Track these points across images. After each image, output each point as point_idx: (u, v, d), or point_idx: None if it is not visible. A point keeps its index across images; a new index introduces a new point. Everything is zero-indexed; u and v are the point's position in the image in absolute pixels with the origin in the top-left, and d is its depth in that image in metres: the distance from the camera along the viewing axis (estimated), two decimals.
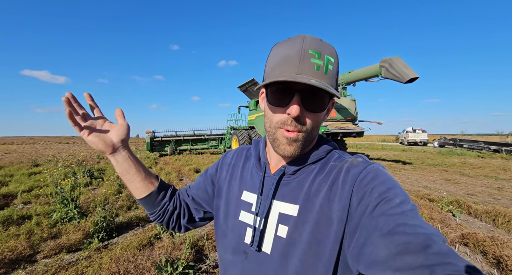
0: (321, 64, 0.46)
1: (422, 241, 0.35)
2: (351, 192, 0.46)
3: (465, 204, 3.99)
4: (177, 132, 15.44)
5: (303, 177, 0.53)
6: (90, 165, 8.49)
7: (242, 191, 0.62)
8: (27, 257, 2.52)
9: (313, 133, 0.51)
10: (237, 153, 0.71)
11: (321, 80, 0.45)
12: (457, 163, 10.02)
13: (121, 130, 0.64)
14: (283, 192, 0.54)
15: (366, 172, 0.47)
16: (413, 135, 22.57)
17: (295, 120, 0.48)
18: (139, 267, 2.14)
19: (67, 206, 3.58)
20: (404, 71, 6.26)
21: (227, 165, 0.69)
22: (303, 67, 0.46)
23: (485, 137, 25.10)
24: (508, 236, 3.02)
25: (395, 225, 0.38)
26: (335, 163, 0.53)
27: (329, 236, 0.46)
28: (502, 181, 6.49)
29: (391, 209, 0.40)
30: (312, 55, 0.46)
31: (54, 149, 20.13)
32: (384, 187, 0.44)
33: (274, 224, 0.52)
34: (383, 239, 0.37)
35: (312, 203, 0.50)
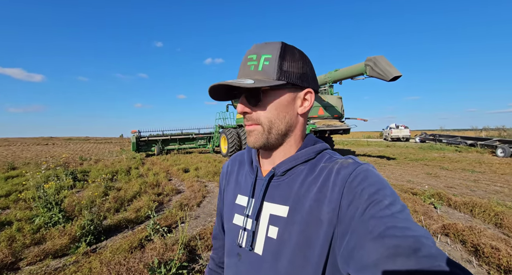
0: (256, 63, 0.51)
1: (412, 244, 0.35)
2: (341, 194, 0.46)
3: (446, 196, 4.22)
4: (164, 131, 15.12)
5: (292, 178, 0.54)
6: (73, 167, 8.17)
7: (236, 195, 0.64)
8: (9, 264, 2.41)
9: (272, 125, 0.53)
10: (231, 161, 0.73)
11: (255, 76, 0.51)
12: (437, 157, 10.52)
13: None
14: (273, 194, 0.55)
15: (356, 173, 0.47)
16: (396, 131, 23.40)
17: (245, 116, 0.54)
18: (131, 269, 2.10)
19: (51, 210, 3.44)
20: (388, 70, 6.47)
21: (225, 174, 0.72)
22: (242, 71, 0.53)
23: (462, 132, 26.46)
24: (484, 225, 3.23)
25: (385, 228, 0.38)
26: (326, 164, 0.53)
27: (318, 238, 0.47)
28: (477, 173, 6.90)
29: (381, 211, 0.40)
30: (250, 59, 0.53)
31: (32, 151, 19.15)
32: (374, 188, 0.44)
33: (265, 225, 0.53)
34: (373, 242, 0.37)
35: (302, 204, 0.50)
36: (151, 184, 5.86)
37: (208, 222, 3.67)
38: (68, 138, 46.52)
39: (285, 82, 0.50)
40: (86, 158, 13.12)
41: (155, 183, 5.99)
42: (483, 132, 22.49)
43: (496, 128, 21.12)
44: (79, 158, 12.80)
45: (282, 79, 0.50)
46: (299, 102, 0.55)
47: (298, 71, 0.52)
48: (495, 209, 3.42)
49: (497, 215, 3.30)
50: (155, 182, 6.02)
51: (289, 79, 0.51)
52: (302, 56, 0.54)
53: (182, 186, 6.09)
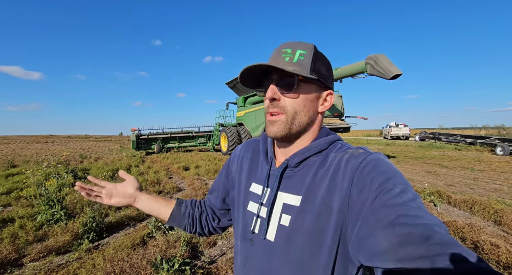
0: (291, 56, 0.53)
1: (423, 232, 0.35)
2: (351, 183, 0.47)
3: (445, 194, 4.24)
4: (164, 129, 15.13)
5: (305, 169, 0.55)
6: (74, 165, 8.18)
7: (251, 182, 0.65)
8: (12, 261, 2.43)
9: (296, 115, 0.55)
10: (245, 146, 0.74)
11: (290, 67, 0.52)
12: (437, 155, 10.55)
13: (132, 182, 0.78)
14: (287, 184, 0.56)
15: (366, 162, 0.47)
16: (396, 129, 23.43)
17: (272, 102, 0.55)
18: (134, 266, 2.12)
19: (52, 208, 3.45)
20: (388, 68, 6.47)
21: (237, 158, 0.73)
22: (274, 59, 0.55)
23: (461, 131, 26.51)
24: (484, 222, 3.25)
25: (396, 216, 0.38)
26: (336, 154, 0.54)
27: (329, 226, 0.48)
28: (477, 172, 6.93)
29: (391, 199, 0.40)
30: (284, 52, 0.54)
31: (32, 149, 19.13)
32: (384, 177, 0.44)
33: (278, 214, 0.55)
34: (384, 230, 0.37)
35: (314, 194, 0.51)
36: (152, 181, 5.87)
37: None
38: (67, 136, 46.46)
39: (317, 78, 0.53)
40: (86, 156, 13.13)
41: (156, 181, 6.00)
42: (482, 131, 22.53)
43: (496, 126, 21.15)
44: (79, 156, 12.81)
45: (314, 75, 0.53)
46: (321, 101, 0.58)
47: (325, 73, 0.56)
48: (494, 207, 3.45)
49: (496, 213, 3.32)
50: (156, 180, 6.03)
51: (319, 76, 0.54)
52: (328, 61, 0.59)
53: (183, 184, 6.11)
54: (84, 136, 49.53)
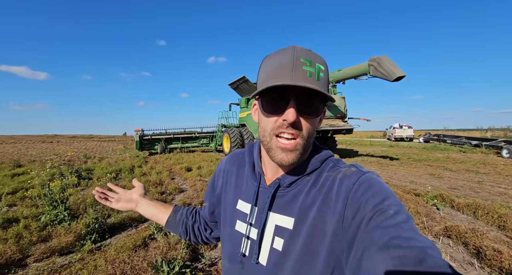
0: (313, 71, 0.47)
1: (417, 255, 0.35)
2: (345, 205, 0.46)
3: (449, 198, 4.20)
4: (167, 130, 15.24)
5: (298, 189, 0.53)
6: (78, 165, 8.27)
7: (237, 199, 0.63)
8: (17, 261, 2.47)
9: (309, 140, 0.51)
10: (230, 159, 0.71)
11: (316, 86, 0.46)
12: (441, 158, 10.44)
13: (139, 189, 0.83)
14: (279, 204, 0.54)
15: (359, 183, 0.47)
16: (400, 131, 23.25)
17: (292, 125, 0.48)
18: (135, 268, 2.14)
19: (56, 208, 3.49)
20: (392, 70, 6.44)
21: (222, 172, 0.71)
22: (297, 74, 0.46)
23: (467, 132, 26.20)
24: (487, 227, 3.21)
25: (390, 238, 0.38)
26: (329, 173, 0.52)
27: (322, 250, 0.46)
28: (482, 175, 6.84)
29: (385, 221, 0.40)
30: (304, 63, 0.47)
31: (38, 149, 19.39)
32: (378, 198, 0.43)
33: (271, 236, 0.53)
34: (378, 253, 0.37)
35: (306, 216, 0.50)
36: (154, 182, 5.92)
37: None
38: (72, 136, 47.02)
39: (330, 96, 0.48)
40: (90, 156, 13.26)
41: (158, 181, 6.05)
42: (488, 133, 22.24)
43: (502, 128, 20.86)
44: (83, 156, 12.94)
45: (328, 93, 0.49)
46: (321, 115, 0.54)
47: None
48: (498, 211, 3.40)
49: (500, 217, 3.28)
50: (158, 181, 6.08)
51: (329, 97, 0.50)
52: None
53: (185, 185, 6.14)
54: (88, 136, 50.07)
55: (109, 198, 0.80)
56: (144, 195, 0.82)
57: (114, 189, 0.84)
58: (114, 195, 0.81)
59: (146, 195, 0.83)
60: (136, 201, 0.79)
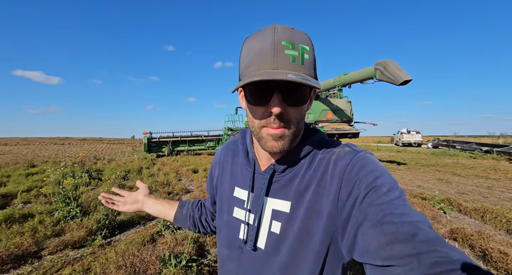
0: (296, 55, 0.44)
1: (409, 230, 0.36)
2: (340, 186, 0.46)
3: (456, 202, 4.15)
4: (174, 133, 15.46)
5: (293, 173, 0.53)
6: (88, 166, 8.50)
7: (233, 187, 0.63)
8: (32, 253, 2.59)
9: (299, 127, 0.50)
10: (224, 149, 0.72)
11: (299, 72, 0.44)
12: (450, 163, 10.26)
13: (143, 190, 0.86)
14: (275, 189, 0.54)
15: (353, 163, 0.47)
16: (408, 136, 22.92)
17: (278, 117, 0.46)
18: (144, 260, 2.22)
19: (69, 205, 3.64)
20: (398, 74, 6.44)
21: (218, 162, 0.71)
22: (278, 60, 0.43)
23: (477, 139, 25.60)
24: (495, 231, 3.17)
25: (383, 214, 0.39)
26: (323, 155, 0.53)
27: (318, 230, 0.47)
28: (492, 180, 6.70)
29: (378, 198, 0.41)
30: (285, 47, 0.43)
31: (50, 150, 19.95)
32: (372, 176, 0.44)
33: (268, 221, 0.54)
34: (372, 229, 0.39)
35: (303, 199, 0.50)
36: (162, 183, 6.04)
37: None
38: (82, 139, 48.14)
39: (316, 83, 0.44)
40: (100, 158, 13.57)
41: (166, 182, 6.17)
42: (500, 139, 21.68)
43: None
44: (93, 158, 13.25)
45: (316, 78, 0.47)
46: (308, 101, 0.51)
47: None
48: (507, 216, 3.36)
49: (509, 222, 3.23)
50: (166, 182, 6.20)
51: (316, 77, 0.48)
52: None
53: (191, 186, 6.24)
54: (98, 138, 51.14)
55: (115, 202, 0.84)
56: (149, 195, 0.85)
57: (119, 192, 0.87)
58: (120, 199, 0.84)
59: (151, 195, 0.85)
60: (142, 201, 0.82)
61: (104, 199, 0.83)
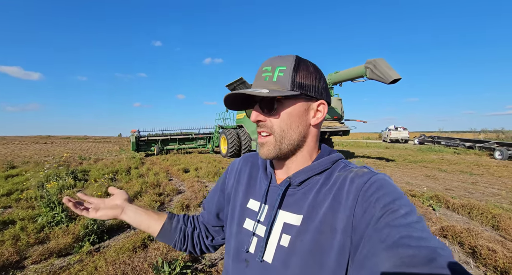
0: (270, 75, 0.53)
1: (427, 255, 0.34)
2: (356, 202, 0.46)
3: (444, 198, 4.27)
4: (163, 131, 15.17)
5: (308, 188, 0.54)
6: (74, 166, 8.18)
7: (248, 198, 0.63)
8: (14, 263, 2.44)
9: (285, 134, 0.54)
10: (244, 159, 0.73)
11: (270, 87, 0.52)
12: (436, 159, 10.60)
13: (121, 194, 0.74)
14: (289, 202, 0.55)
15: (371, 182, 0.47)
16: (395, 133, 23.52)
17: (259, 124, 0.56)
18: (136, 269, 2.14)
19: (53, 210, 3.46)
20: (388, 72, 6.54)
21: (235, 171, 0.71)
22: (257, 81, 0.55)
23: (460, 134, 26.62)
24: (482, 227, 3.28)
25: (400, 237, 0.37)
26: (340, 173, 0.53)
27: (332, 246, 0.46)
28: (475, 176, 6.97)
29: (396, 220, 0.40)
30: (264, 71, 0.55)
31: (31, 150, 19.10)
32: (390, 198, 0.43)
33: (278, 234, 0.53)
34: (386, 251, 0.37)
35: (316, 213, 0.50)
36: (152, 184, 5.89)
37: None
38: (66, 137, 46.40)
39: (299, 92, 0.51)
40: (86, 158, 13.11)
41: (156, 183, 6.02)
42: (481, 135, 22.63)
43: (495, 130, 21.26)
44: (78, 157, 12.79)
45: (295, 90, 0.51)
46: (312, 113, 0.55)
47: (312, 84, 0.53)
48: (492, 212, 3.48)
49: (494, 218, 3.35)
50: (156, 182, 6.05)
51: (302, 90, 0.52)
52: (316, 70, 0.55)
53: (183, 186, 6.12)
54: (83, 137, 49.47)
55: (85, 207, 0.70)
56: (129, 200, 0.74)
57: (86, 199, 0.72)
58: (90, 205, 0.70)
59: (131, 201, 0.75)
60: (121, 207, 0.70)
61: (72, 204, 0.67)
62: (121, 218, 0.70)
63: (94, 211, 0.69)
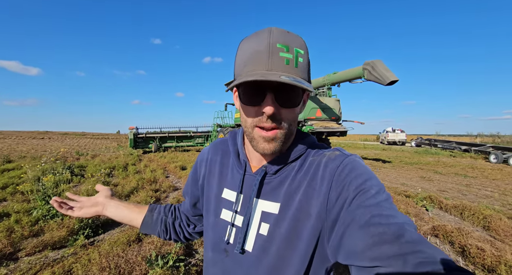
0: (291, 57, 0.45)
1: (395, 231, 0.37)
2: (330, 187, 0.47)
3: (437, 199, 4.32)
4: (162, 128, 15.15)
5: (284, 175, 0.54)
6: (70, 162, 8.17)
7: (222, 188, 0.62)
8: (8, 255, 2.45)
9: (291, 128, 0.51)
10: (213, 148, 0.69)
11: (292, 75, 0.44)
12: (432, 161, 10.68)
13: (104, 191, 0.76)
14: (266, 191, 0.54)
15: (343, 165, 0.48)
16: (393, 135, 23.63)
17: (271, 118, 0.47)
18: (129, 261, 2.16)
19: (49, 203, 3.47)
20: (385, 74, 6.57)
21: (205, 161, 0.68)
22: (273, 62, 0.44)
23: (457, 138, 26.79)
24: (473, 227, 3.33)
25: (371, 216, 0.39)
26: (314, 158, 0.54)
27: (306, 230, 0.48)
28: (470, 178, 7.04)
29: (367, 200, 0.42)
30: (280, 49, 0.44)
31: (28, 145, 19.01)
32: (361, 179, 0.45)
33: (257, 223, 0.53)
34: (360, 230, 0.39)
35: (292, 200, 0.51)
36: (149, 180, 5.90)
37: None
38: (64, 133, 46.11)
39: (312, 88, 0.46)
40: (83, 153, 13.09)
41: (153, 179, 6.03)
42: (477, 138, 22.78)
43: (491, 134, 21.40)
44: (75, 153, 12.76)
45: (307, 82, 0.48)
46: (301, 103, 0.52)
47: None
48: (483, 213, 3.53)
49: (485, 218, 3.40)
50: (153, 179, 6.06)
51: (309, 80, 0.50)
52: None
53: (179, 183, 6.14)
54: (81, 133, 49.19)
55: (71, 207, 0.71)
56: (112, 196, 0.75)
57: (75, 198, 0.74)
58: (77, 204, 0.72)
59: (114, 196, 0.76)
60: (103, 204, 0.72)
61: (57, 204, 0.70)
62: (103, 214, 0.71)
63: (78, 210, 0.71)
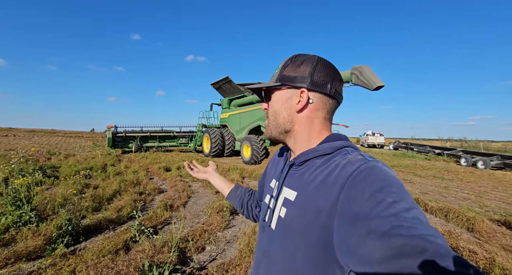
0: (275, 72, 0.65)
1: (418, 243, 0.34)
2: (342, 189, 0.46)
3: (423, 202, 4.49)
4: (142, 127, 14.53)
5: (306, 169, 0.59)
6: (42, 162, 7.53)
7: (271, 179, 0.75)
8: None
9: (274, 118, 0.64)
10: (280, 150, 0.82)
11: (271, 80, 0.65)
12: (410, 164, 11.21)
13: (212, 166, 1.12)
14: (289, 180, 0.63)
15: (360, 170, 0.46)
16: (372, 138, 24.58)
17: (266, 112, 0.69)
18: (120, 273, 1.96)
19: (20, 208, 3.12)
20: (372, 79, 6.78)
21: (272, 160, 0.84)
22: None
23: (430, 142, 28.51)
24: (458, 229, 3.48)
25: (391, 227, 0.37)
26: (337, 158, 0.54)
27: (314, 225, 0.50)
28: (447, 181, 7.45)
29: (385, 210, 0.39)
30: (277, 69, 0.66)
31: None
32: (377, 186, 0.43)
33: (279, 206, 0.62)
34: (377, 241, 0.37)
35: (306, 191, 0.55)
36: (131, 182, 5.57)
37: (195, 223, 3.56)
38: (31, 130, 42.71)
39: (279, 83, 0.61)
40: (55, 153, 12.17)
41: (136, 181, 5.71)
42: (448, 143, 24.39)
43: (459, 139, 23.02)
44: (46, 152, 11.83)
45: (277, 82, 0.62)
46: (296, 100, 0.60)
47: (296, 74, 0.60)
48: (467, 215, 3.70)
49: (469, 221, 3.57)
50: (136, 181, 5.73)
51: (283, 81, 0.61)
52: (308, 62, 0.60)
53: (165, 186, 5.87)
54: (50, 130, 45.83)
55: (193, 168, 1.09)
56: (216, 170, 1.09)
57: (197, 166, 1.12)
58: (195, 168, 1.10)
59: (217, 170, 1.10)
60: (210, 173, 1.07)
61: (188, 165, 1.09)
62: (209, 179, 1.06)
63: (196, 172, 1.08)
